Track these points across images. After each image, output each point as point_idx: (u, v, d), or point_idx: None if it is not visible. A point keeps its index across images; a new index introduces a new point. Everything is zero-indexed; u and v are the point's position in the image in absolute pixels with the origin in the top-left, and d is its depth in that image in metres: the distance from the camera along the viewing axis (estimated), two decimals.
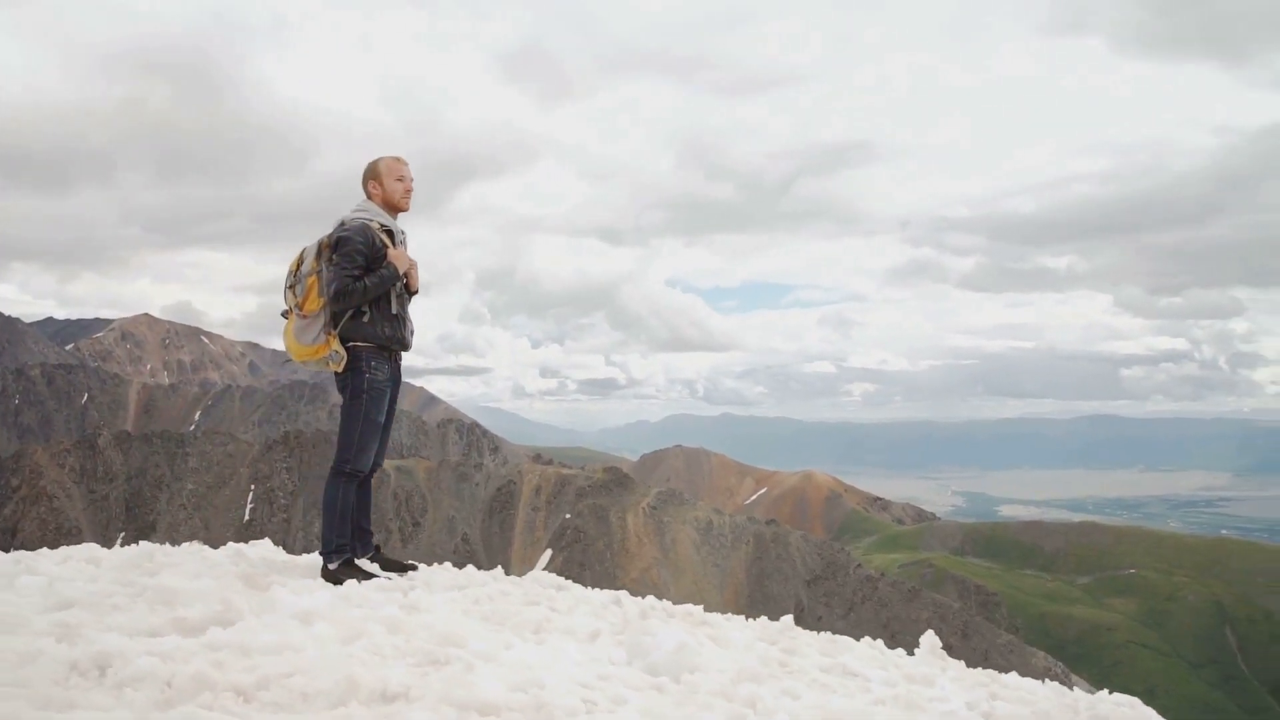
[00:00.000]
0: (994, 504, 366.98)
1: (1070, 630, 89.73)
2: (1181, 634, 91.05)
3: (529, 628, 5.63)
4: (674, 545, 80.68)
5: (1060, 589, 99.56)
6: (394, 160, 6.59)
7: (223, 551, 7.19)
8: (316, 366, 6.43)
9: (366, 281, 6.15)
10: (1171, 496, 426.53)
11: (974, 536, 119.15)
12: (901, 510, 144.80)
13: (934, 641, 6.49)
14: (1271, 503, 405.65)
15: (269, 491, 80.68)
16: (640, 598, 7.09)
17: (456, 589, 6.50)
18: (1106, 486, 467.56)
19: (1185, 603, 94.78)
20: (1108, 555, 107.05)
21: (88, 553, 6.76)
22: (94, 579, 5.77)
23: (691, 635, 5.85)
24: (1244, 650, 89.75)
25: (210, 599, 5.20)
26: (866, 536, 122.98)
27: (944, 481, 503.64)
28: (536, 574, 7.47)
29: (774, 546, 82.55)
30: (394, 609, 5.45)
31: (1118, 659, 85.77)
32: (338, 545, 6.37)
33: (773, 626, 6.83)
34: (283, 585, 5.77)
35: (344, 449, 6.47)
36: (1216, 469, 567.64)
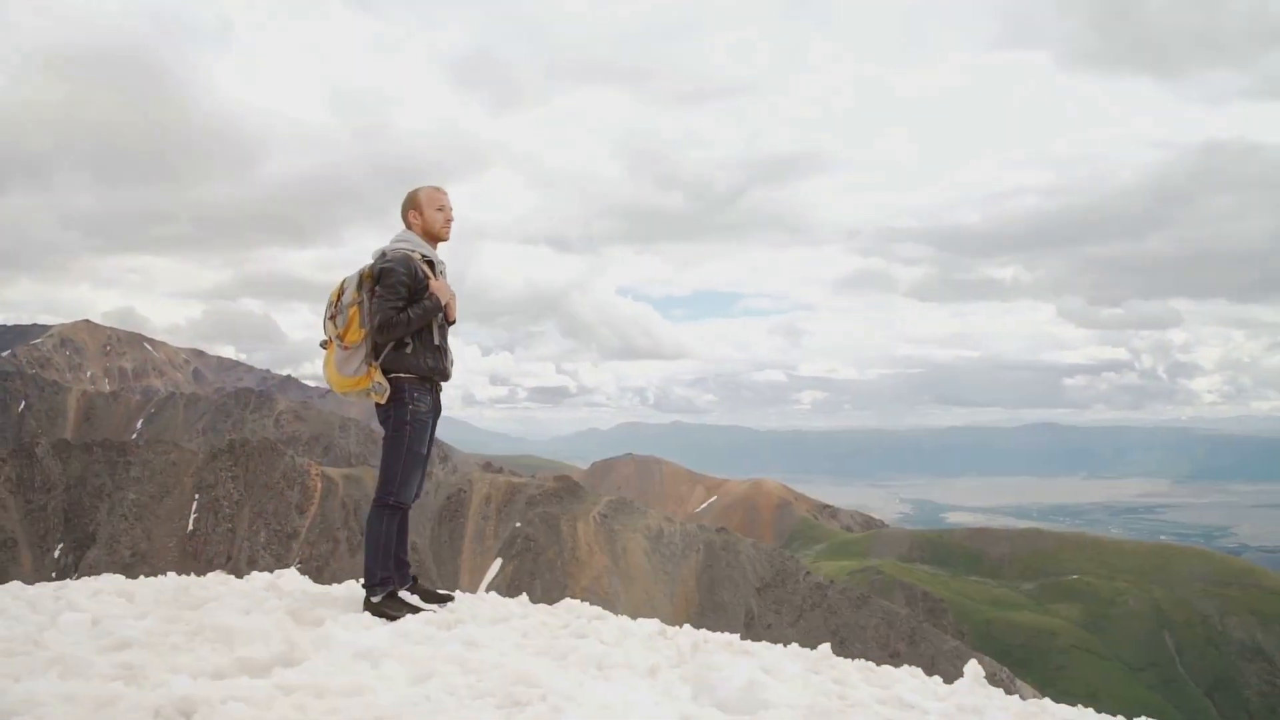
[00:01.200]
0: (941, 511, 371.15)
1: (1015, 636, 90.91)
2: (1122, 638, 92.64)
3: (591, 663, 5.59)
4: (625, 553, 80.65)
5: (1005, 595, 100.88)
6: (434, 190, 6.60)
7: (255, 582, 7.18)
8: (357, 397, 6.37)
9: (410, 313, 6.15)
10: (1113, 503, 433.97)
11: (921, 543, 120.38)
12: (850, 518, 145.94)
13: (977, 670, 6.49)
14: (1208, 509, 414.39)
15: (214, 501, 79.45)
16: (676, 626, 7.19)
17: (500, 621, 6.54)
18: (1050, 493, 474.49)
19: (1126, 607, 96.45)
20: (1051, 561, 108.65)
21: (117, 585, 6.73)
22: (141, 615, 5.73)
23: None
24: (1182, 653, 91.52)
25: (272, 638, 5.20)
26: (816, 544, 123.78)
27: (892, 489, 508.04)
28: (569, 602, 7.48)
29: (724, 554, 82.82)
30: (457, 646, 5.46)
31: (1061, 663, 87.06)
32: (381, 578, 6.36)
33: (812, 655, 6.79)
34: (334, 621, 5.78)
35: (387, 481, 6.41)
36: (1156, 476, 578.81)
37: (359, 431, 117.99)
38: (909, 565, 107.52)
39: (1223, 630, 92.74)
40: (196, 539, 76.48)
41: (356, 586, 7.15)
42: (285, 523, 78.48)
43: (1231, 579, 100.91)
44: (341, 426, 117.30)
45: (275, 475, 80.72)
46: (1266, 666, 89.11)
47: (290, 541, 77.69)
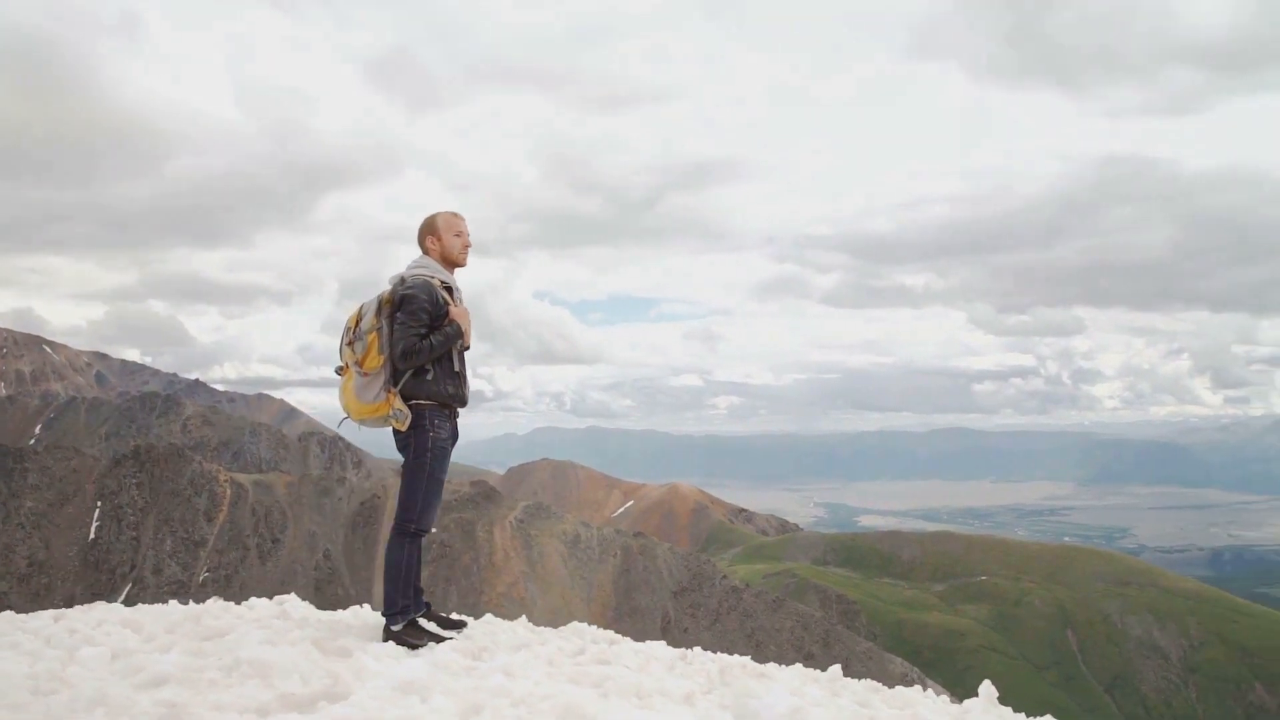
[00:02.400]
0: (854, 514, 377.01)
1: (925, 636, 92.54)
2: (1027, 637, 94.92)
3: (630, 692, 5.60)
4: (541, 559, 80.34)
5: (916, 596, 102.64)
6: (452, 215, 6.61)
7: (261, 610, 7.10)
8: (375, 424, 6.33)
9: (433, 340, 6.15)
10: (1019, 506, 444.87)
11: (835, 547, 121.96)
12: (765, 521, 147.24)
13: (991, 691, 6.57)
14: (1109, 511, 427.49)
15: (116, 509, 77.17)
16: (687, 649, 7.17)
17: (521, 648, 6.53)
18: (960, 497, 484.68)
19: (1031, 607, 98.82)
20: (960, 563, 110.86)
21: (121, 616, 6.59)
22: (164, 649, 5.65)
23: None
24: (1084, 651, 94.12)
25: (310, 671, 5.17)
26: (731, 548, 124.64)
27: (807, 493, 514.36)
28: (576, 625, 7.47)
29: (641, 559, 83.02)
30: (499, 678, 5.46)
31: (969, 663, 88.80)
32: (402, 606, 6.31)
33: (823, 676, 6.79)
34: (362, 651, 5.73)
35: (408, 508, 6.36)
36: (1060, 479, 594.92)
37: (270, 437, 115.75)
38: (823, 568, 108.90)
39: (1122, 628, 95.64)
40: (98, 548, 74.21)
41: (364, 612, 7.18)
42: (193, 530, 76.58)
43: (1130, 578, 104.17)
44: (252, 431, 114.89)
45: (182, 482, 78.75)
46: (1163, 663, 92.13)
47: (198, 550, 75.85)
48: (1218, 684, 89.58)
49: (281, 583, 75.30)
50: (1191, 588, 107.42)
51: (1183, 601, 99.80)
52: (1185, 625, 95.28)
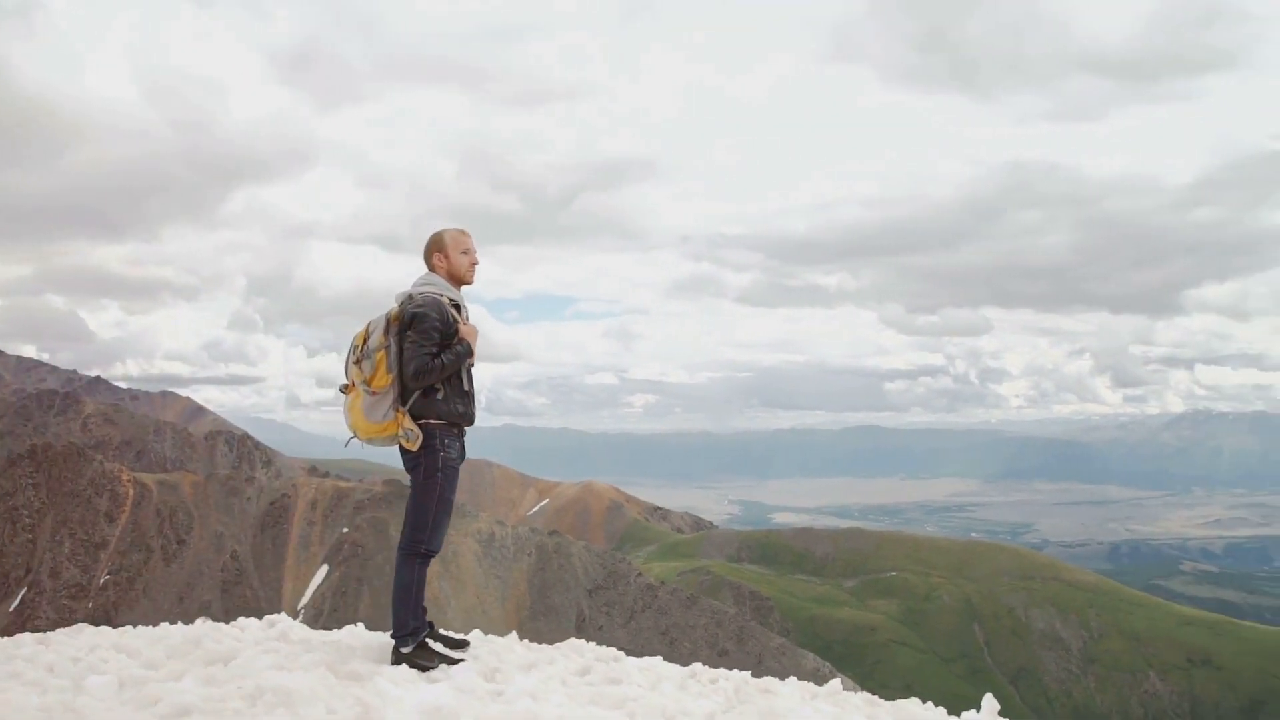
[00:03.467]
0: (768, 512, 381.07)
1: (837, 631, 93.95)
2: (936, 631, 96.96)
3: (657, 714, 5.59)
4: (455, 558, 79.69)
5: (829, 592, 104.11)
6: (459, 233, 6.54)
7: (254, 630, 7.02)
8: (383, 444, 6.23)
9: (444, 358, 6.07)
10: (928, 502, 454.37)
11: (749, 544, 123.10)
12: (680, 519, 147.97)
13: (993, 704, 6.55)
14: (1014, 507, 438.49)
15: (12, 510, 74.59)
16: (698, 666, 7.09)
17: (530, 667, 6.47)
18: (871, 494, 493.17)
19: (940, 602, 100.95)
20: (871, 559, 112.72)
21: (111, 640, 6.44)
22: (176, 676, 5.52)
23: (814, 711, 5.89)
24: (989, 644, 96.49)
25: (337, 699, 5.13)
26: (647, 545, 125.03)
27: (721, 491, 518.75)
28: (575, 642, 7.42)
29: (556, 557, 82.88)
30: (527, 701, 5.43)
31: (879, 657, 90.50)
32: (413, 628, 6.23)
33: (822, 691, 6.79)
34: (378, 675, 5.67)
35: (417, 529, 6.26)
36: (968, 476, 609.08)
37: (175, 436, 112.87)
38: (737, 565, 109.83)
39: (1026, 621, 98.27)
40: None
41: (360, 632, 7.11)
42: (93, 532, 74.39)
43: (1034, 573, 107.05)
44: (156, 431, 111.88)
45: (82, 482, 76.43)
46: (1064, 654, 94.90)
47: (98, 551, 73.71)
48: (1115, 673, 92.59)
49: (187, 584, 73.64)
50: (1091, 581, 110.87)
51: (1083, 594, 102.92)
52: (1085, 617, 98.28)
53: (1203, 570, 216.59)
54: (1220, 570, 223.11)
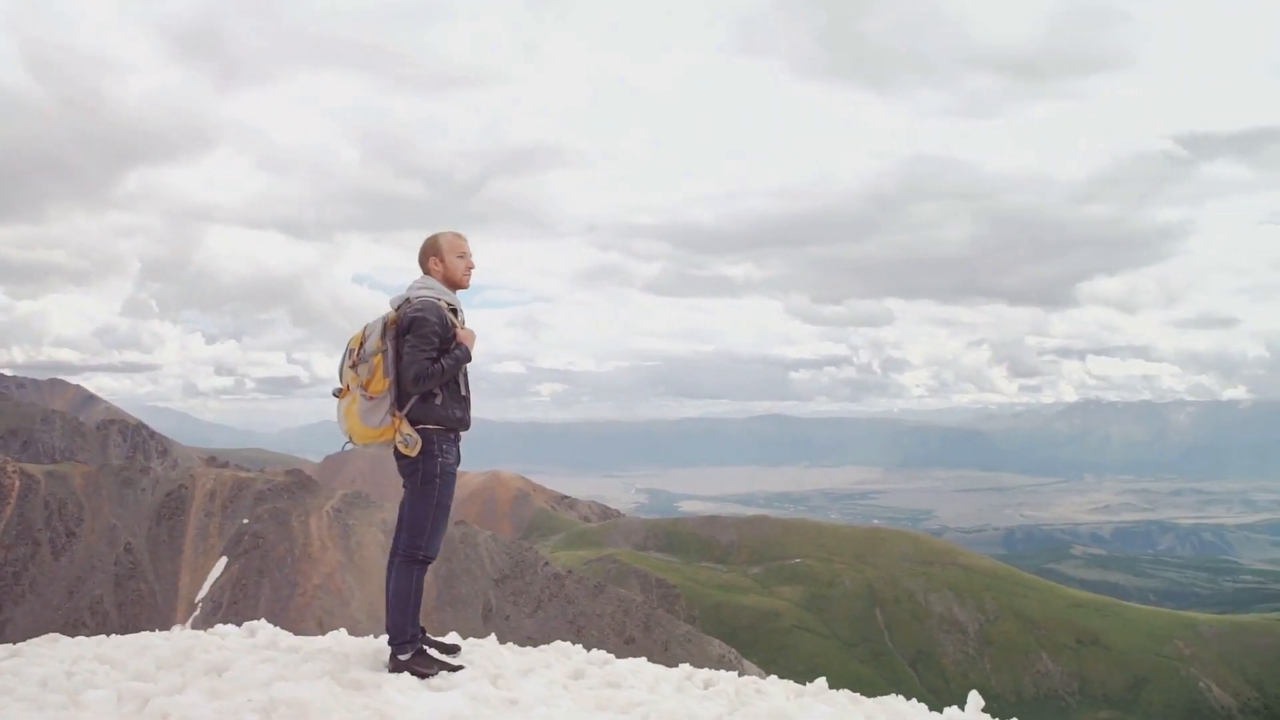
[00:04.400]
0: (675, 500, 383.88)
1: (742, 618, 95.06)
2: (838, 617, 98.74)
3: (669, 718, 5.59)
4: (360, 549, 78.51)
5: (734, 580, 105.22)
6: (455, 236, 6.47)
7: (237, 636, 6.96)
8: (379, 448, 6.18)
9: (444, 363, 6.04)
10: (832, 490, 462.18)
11: (656, 532, 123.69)
12: (588, 508, 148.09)
13: (978, 701, 6.68)
14: (915, 494, 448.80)
15: None
16: (681, 667, 7.18)
17: (528, 672, 6.46)
18: (776, 482, 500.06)
19: (842, 588, 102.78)
20: (776, 546, 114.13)
21: (94, 651, 6.30)
22: (177, 689, 5.41)
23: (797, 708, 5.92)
24: (890, 628, 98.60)
25: (354, 711, 5.10)
26: (554, 534, 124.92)
27: (628, 479, 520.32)
28: (560, 645, 7.44)
29: (462, 547, 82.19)
30: (542, 710, 5.41)
31: (783, 643, 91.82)
32: (411, 635, 6.17)
33: (809, 689, 6.86)
34: (384, 684, 5.65)
35: (415, 535, 6.23)
36: (870, 464, 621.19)
37: (64, 425, 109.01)
38: (644, 553, 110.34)
39: (925, 605, 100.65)
40: None
41: (343, 637, 7.07)
42: None
43: (934, 558, 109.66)
44: (44, 419, 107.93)
45: None
46: (961, 637, 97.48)
47: None
48: (1009, 655, 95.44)
49: (78, 579, 71.28)
50: (987, 565, 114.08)
51: (979, 578, 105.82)
52: (981, 601, 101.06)
53: (1092, 554, 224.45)
54: (1108, 554, 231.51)
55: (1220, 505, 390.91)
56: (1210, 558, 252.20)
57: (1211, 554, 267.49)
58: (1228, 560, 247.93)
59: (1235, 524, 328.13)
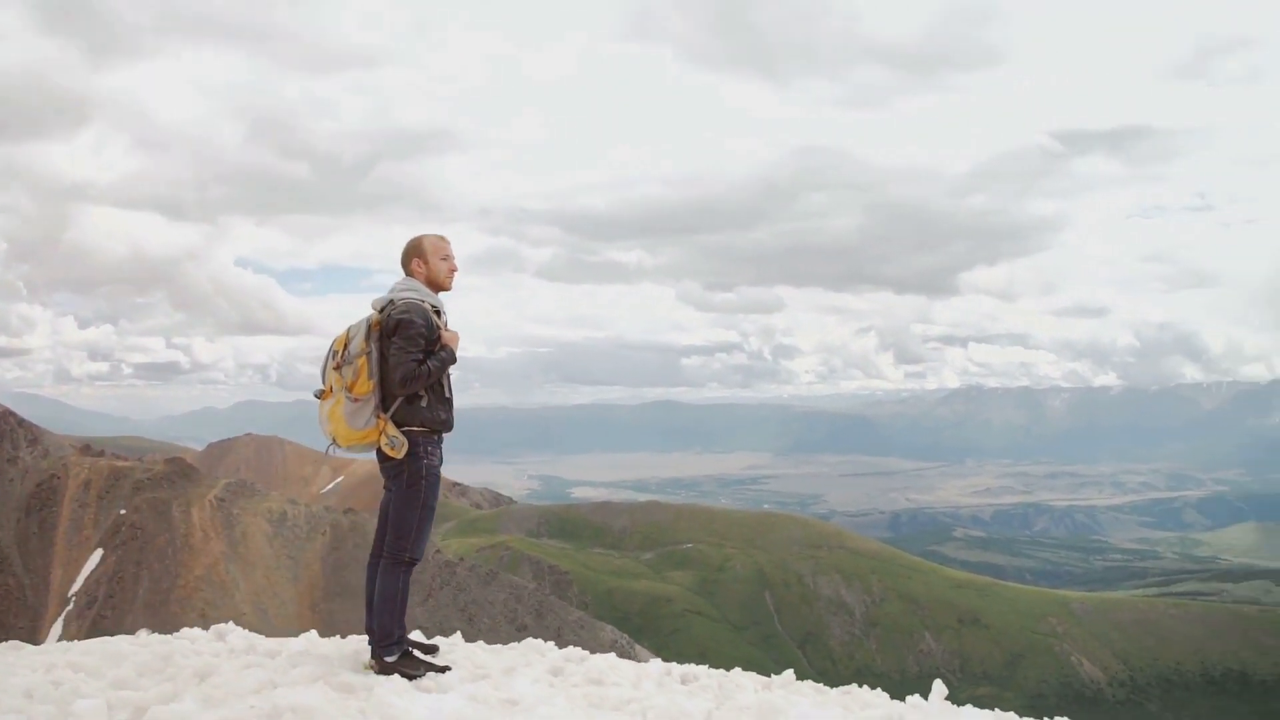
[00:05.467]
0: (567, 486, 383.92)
1: (635, 603, 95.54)
2: (729, 601, 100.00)
3: (671, 715, 5.65)
4: (244, 539, 76.55)
5: (627, 565, 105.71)
6: (438, 239, 6.50)
7: (204, 639, 6.89)
8: (362, 450, 6.22)
9: (430, 364, 6.05)
10: (723, 475, 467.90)
11: (548, 518, 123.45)
12: (480, 495, 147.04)
13: (942, 690, 6.81)
14: (804, 479, 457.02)
15: None
16: (655, 661, 7.32)
17: (512, 670, 6.50)
18: (668, 467, 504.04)
19: (733, 572, 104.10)
20: (668, 532, 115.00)
21: (65, 658, 6.13)
22: (171, 697, 5.31)
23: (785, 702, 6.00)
24: (779, 611, 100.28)
25: (360, 716, 5.08)
26: (445, 522, 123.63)
27: (520, 466, 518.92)
28: (531, 642, 7.49)
29: (352, 535, 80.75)
30: (544, 710, 5.42)
31: (675, 627, 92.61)
32: (398, 637, 6.23)
33: (775, 681, 6.96)
34: (376, 686, 5.64)
35: (402, 537, 6.27)
36: (760, 450, 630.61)
37: None
38: (536, 540, 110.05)
39: (814, 588, 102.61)
40: None
41: (314, 639, 7.10)
42: None
43: (822, 542, 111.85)
44: None
45: None
46: (848, 619, 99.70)
47: None
48: (894, 635, 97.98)
49: None
50: (874, 548, 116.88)
51: (866, 561, 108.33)
52: (868, 583, 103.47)
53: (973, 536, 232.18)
54: (988, 536, 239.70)
55: (1092, 487, 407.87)
56: (1082, 538, 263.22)
57: (1084, 534, 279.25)
58: (1099, 540, 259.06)
59: (1106, 505, 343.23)
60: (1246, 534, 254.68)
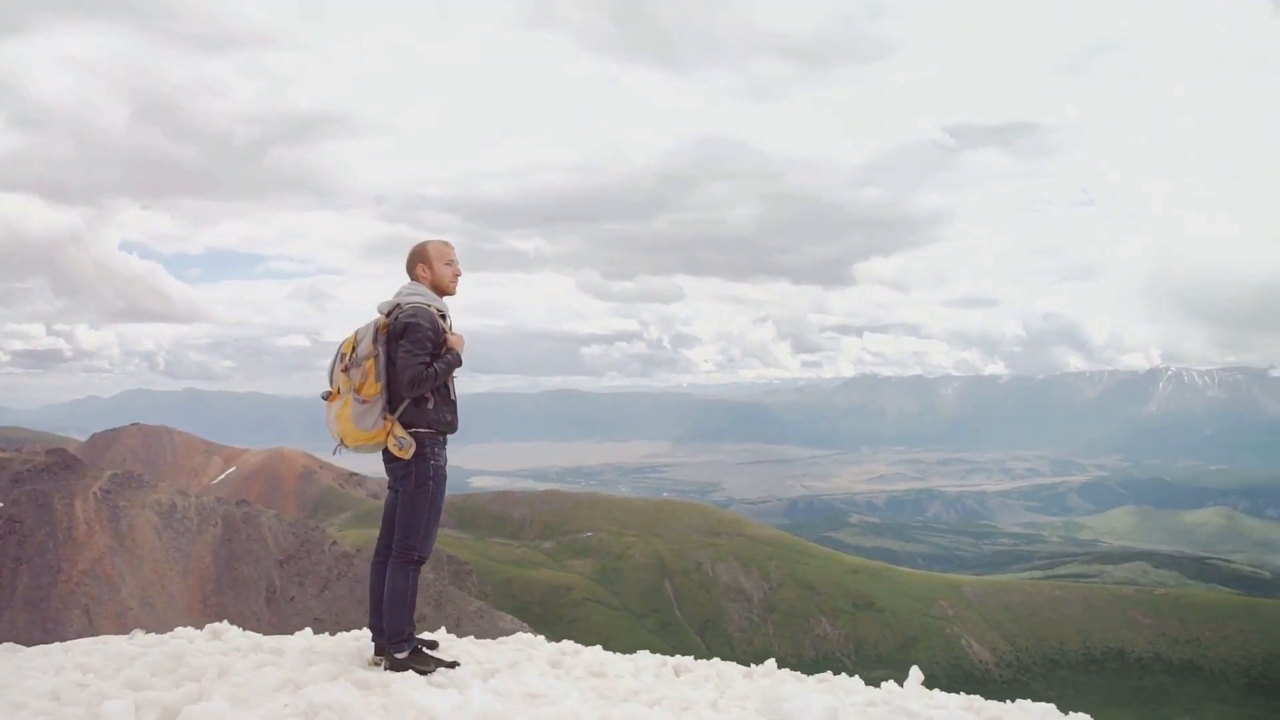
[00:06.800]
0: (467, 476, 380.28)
1: (534, 592, 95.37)
2: (629, 589, 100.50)
3: (679, 707, 5.80)
4: (131, 531, 74.26)
5: (526, 554, 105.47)
6: (442, 244, 6.75)
7: (201, 638, 6.94)
8: (369, 451, 6.34)
9: (437, 367, 6.25)
10: (623, 464, 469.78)
11: (447, 508, 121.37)
12: (377, 485, 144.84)
13: (918, 675, 7.16)
14: (703, 467, 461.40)
15: None
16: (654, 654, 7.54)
17: (515, 665, 6.67)
18: (567, 456, 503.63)
19: (633, 560, 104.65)
20: (568, 520, 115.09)
21: (74, 660, 6.14)
22: (198, 696, 5.29)
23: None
24: (679, 598, 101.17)
25: (394, 712, 5.16)
26: (342, 512, 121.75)
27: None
28: (521, 636, 7.68)
29: (245, 527, 78.99)
30: (570, 704, 5.48)
31: (575, 616, 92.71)
32: (408, 634, 6.37)
33: (757, 670, 7.17)
34: (396, 681, 5.77)
35: (410, 537, 6.40)
36: (659, 438, 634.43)
37: None
38: None
39: (713, 576, 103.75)
40: None
41: (310, 635, 7.24)
42: None
43: (720, 529, 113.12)
44: None
45: None
46: (746, 605, 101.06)
47: None
48: (791, 620, 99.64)
49: None
50: (771, 535, 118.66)
51: (764, 548, 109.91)
52: (766, 569, 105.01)
53: (868, 522, 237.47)
54: (882, 522, 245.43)
55: (982, 473, 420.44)
56: (972, 523, 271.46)
57: (973, 519, 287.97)
58: (988, 525, 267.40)
59: (995, 490, 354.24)
60: (1125, 518, 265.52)
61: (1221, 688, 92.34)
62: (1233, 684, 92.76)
